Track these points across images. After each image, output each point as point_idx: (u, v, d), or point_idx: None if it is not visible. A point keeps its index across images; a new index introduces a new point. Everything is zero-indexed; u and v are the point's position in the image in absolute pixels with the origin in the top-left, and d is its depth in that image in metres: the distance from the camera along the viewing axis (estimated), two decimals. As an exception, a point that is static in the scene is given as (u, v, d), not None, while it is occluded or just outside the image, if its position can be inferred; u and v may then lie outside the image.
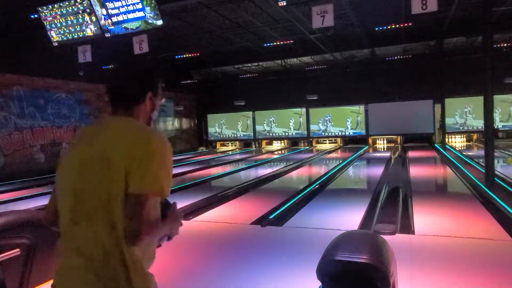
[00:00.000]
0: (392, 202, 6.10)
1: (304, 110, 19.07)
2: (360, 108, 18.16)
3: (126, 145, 1.19)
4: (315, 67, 17.85)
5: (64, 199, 1.26)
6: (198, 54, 14.10)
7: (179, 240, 4.63)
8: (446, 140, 17.03)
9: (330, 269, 1.78)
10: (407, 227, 4.65)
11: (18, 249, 3.12)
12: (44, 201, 7.19)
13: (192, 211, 5.82)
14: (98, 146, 1.22)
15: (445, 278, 3.18)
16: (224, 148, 20.78)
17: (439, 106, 17.06)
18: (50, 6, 6.30)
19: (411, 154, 13.66)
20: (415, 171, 9.44)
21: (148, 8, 5.67)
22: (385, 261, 1.86)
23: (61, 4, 6.22)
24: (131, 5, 5.68)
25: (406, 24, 11.10)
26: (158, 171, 1.19)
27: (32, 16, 7.53)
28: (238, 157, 16.04)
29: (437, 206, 5.83)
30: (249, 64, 18.09)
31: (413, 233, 4.43)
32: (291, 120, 19.45)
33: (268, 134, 19.94)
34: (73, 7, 6.13)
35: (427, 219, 5.01)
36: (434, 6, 4.78)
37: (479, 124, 15.84)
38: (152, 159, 1.18)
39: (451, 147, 15.63)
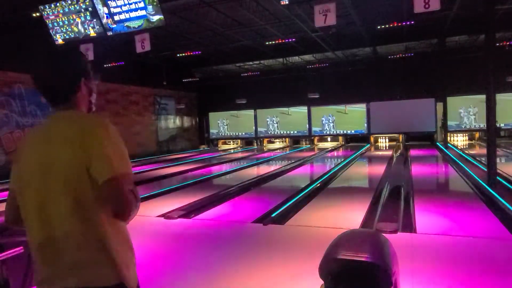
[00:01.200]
0: (393, 200, 6.10)
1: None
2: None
3: (75, 140, 1.21)
4: (317, 66, 17.82)
5: (29, 201, 1.28)
6: (199, 52, 14.10)
7: (181, 238, 4.67)
8: (448, 138, 17.00)
9: (332, 268, 1.78)
10: (408, 226, 4.65)
11: (21, 247, 3.14)
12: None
13: (194, 209, 5.84)
14: (52, 146, 1.24)
15: (447, 277, 3.18)
16: (225, 147, 20.80)
17: (441, 104, 17.02)
18: (52, 5, 6.31)
19: (413, 152, 13.65)
20: (417, 170, 9.43)
21: (150, 6, 5.67)
22: (387, 260, 1.86)
23: (63, 3, 6.23)
24: (133, 4, 5.68)
25: (408, 23, 11.07)
26: (111, 155, 1.22)
27: (34, 15, 7.54)
28: (239, 155, 16.06)
29: (439, 204, 5.82)
30: (251, 62, 18.08)
31: (414, 231, 4.44)
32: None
33: (269, 132, 19.94)
34: (75, 6, 6.14)
35: (428, 218, 5.01)
36: (437, 5, 4.76)
37: (481, 123, 15.83)
38: (101, 146, 1.22)
39: (453, 145, 15.61)
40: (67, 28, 6.40)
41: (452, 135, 17.26)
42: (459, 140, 17.38)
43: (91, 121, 1.27)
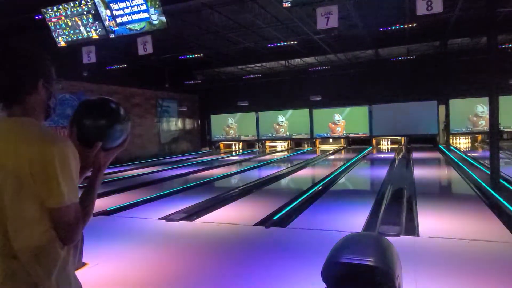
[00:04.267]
0: (396, 203, 6.07)
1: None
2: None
3: (24, 159, 1.13)
4: (319, 68, 17.82)
5: None
6: (201, 54, 14.13)
7: (182, 241, 4.66)
8: (451, 141, 16.95)
9: (335, 272, 1.77)
10: (411, 229, 4.62)
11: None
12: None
13: (196, 212, 5.82)
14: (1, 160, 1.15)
15: (450, 280, 3.16)
16: (227, 149, 20.79)
17: (443, 106, 17.00)
18: (55, 8, 6.33)
19: (415, 155, 13.61)
20: (420, 172, 9.40)
21: (152, 9, 5.69)
22: (391, 264, 1.85)
23: (66, 6, 6.25)
24: (135, 6, 5.70)
25: (410, 25, 11.06)
26: (61, 185, 1.15)
27: (37, 17, 7.57)
28: (241, 157, 16.05)
29: (442, 207, 5.79)
30: (253, 65, 18.10)
31: (417, 235, 4.41)
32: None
33: (270, 134, 19.94)
34: (78, 8, 6.16)
35: (431, 221, 4.98)
36: (440, 7, 4.75)
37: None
38: (50, 173, 1.14)
39: (455, 148, 15.56)
40: (70, 30, 6.43)
41: (454, 137, 17.21)
42: (462, 143, 17.32)
43: (45, 141, 1.16)
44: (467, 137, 17.39)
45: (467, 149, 15.33)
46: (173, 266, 3.76)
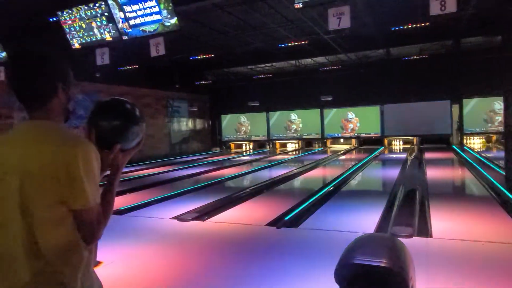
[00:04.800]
0: (408, 204, 6.02)
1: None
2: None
3: (52, 168, 1.16)
4: (330, 67, 17.74)
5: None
6: (212, 55, 14.19)
7: (194, 241, 4.69)
8: (464, 141, 16.71)
9: (348, 273, 1.77)
10: (424, 230, 4.58)
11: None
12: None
13: (207, 212, 5.86)
14: (27, 167, 1.18)
15: (464, 282, 3.12)
16: (238, 149, 20.84)
17: (456, 106, 16.77)
18: (69, 10, 6.44)
19: (428, 155, 13.45)
20: (432, 173, 9.29)
21: (165, 11, 5.74)
22: (404, 265, 1.84)
23: (80, 8, 6.36)
24: (148, 8, 5.76)
25: (422, 24, 10.93)
26: (85, 187, 1.19)
27: (51, 20, 7.71)
28: (252, 158, 16.08)
29: (455, 209, 5.73)
30: (263, 65, 18.11)
31: (430, 236, 4.37)
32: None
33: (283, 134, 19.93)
34: (92, 11, 6.26)
35: (445, 222, 4.92)
36: (454, 7, 4.68)
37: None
38: (75, 176, 1.17)
39: (469, 148, 15.33)
40: (84, 32, 6.53)
41: (468, 137, 16.95)
42: (476, 143, 17.06)
43: (69, 144, 1.20)
44: (481, 137, 17.11)
45: (481, 150, 15.09)
46: (185, 265, 3.80)
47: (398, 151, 16.66)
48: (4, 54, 8.19)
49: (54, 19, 7.27)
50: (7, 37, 8.47)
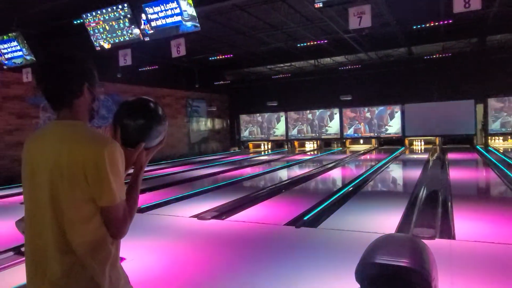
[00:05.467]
0: (430, 205, 5.90)
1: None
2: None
3: (81, 165, 1.22)
4: (349, 67, 17.56)
5: (38, 209, 1.28)
6: (231, 55, 14.26)
7: (213, 239, 4.73)
8: (489, 141, 16.23)
9: (370, 272, 1.76)
10: (447, 232, 4.49)
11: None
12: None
13: (226, 211, 5.91)
14: (57, 165, 1.24)
15: (488, 286, 3.05)
16: (256, 149, 20.89)
17: (481, 106, 16.30)
18: (93, 13, 6.61)
19: (451, 156, 13.14)
20: (456, 174, 9.07)
21: (186, 12, 5.83)
22: (427, 266, 1.82)
23: (104, 11, 6.52)
24: (169, 10, 5.86)
25: (445, 22, 10.68)
26: (114, 183, 1.24)
27: (75, 22, 7.93)
28: (270, 157, 16.08)
29: (480, 210, 5.58)
30: (282, 65, 18.08)
31: (453, 238, 4.28)
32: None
33: (301, 135, 19.85)
34: (115, 13, 6.40)
35: (468, 224, 4.81)
36: (478, 4, 4.55)
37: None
38: (104, 173, 1.22)
39: (494, 149, 14.88)
40: (107, 34, 6.69)
41: (493, 138, 16.45)
42: (501, 144, 16.54)
43: (96, 143, 1.25)
44: (507, 137, 16.57)
45: (507, 150, 14.62)
46: (204, 263, 3.84)
47: (419, 152, 16.33)
48: (30, 57, 8.47)
49: (79, 21, 7.49)
50: (35, 40, 8.77)
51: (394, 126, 17.85)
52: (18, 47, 8.39)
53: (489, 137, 16.26)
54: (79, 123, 1.32)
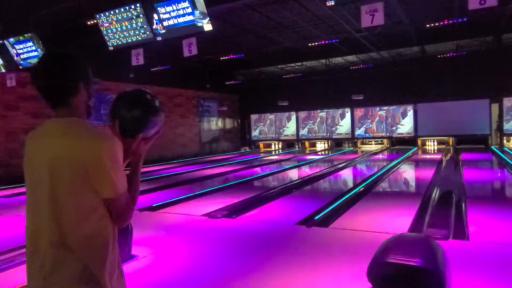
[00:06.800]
0: (444, 206, 5.82)
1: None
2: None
3: (81, 158, 1.25)
4: (361, 66, 17.42)
5: (38, 204, 1.31)
6: (242, 55, 14.28)
7: (224, 238, 4.74)
8: (504, 142, 15.93)
9: (382, 272, 1.75)
10: (460, 233, 4.42)
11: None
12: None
13: (237, 210, 5.92)
14: (57, 158, 1.27)
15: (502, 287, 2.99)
16: (267, 148, 20.88)
17: (496, 105, 16.01)
18: (107, 13, 6.70)
19: (465, 156, 12.93)
20: (470, 175, 8.93)
21: (198, 11, 5.86)
22: (440, 266, 1.80)
23: (117, 11, 6.60)
24: (181, 10, 5.90)
25: (460, 20, 10.52)
26: (115, 176, 1.29)
27: (89, 23, 8.04)
28: (281, 157, 16.06)
29: (494, 211, 5.48)
30: (293, 64, 18.04)
31: (467, 239, 4.21)
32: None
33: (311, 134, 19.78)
34: (128, 13, 6.48)
35: (483, 225, 4.73)
36: (494, 0, 4.46)
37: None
38: (107, 167, 1.26)
39: (510, 149, 14.59)
40: (120, 34, 6.77)
41: (509, 138, 16.13)
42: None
43: (97, 137, 1.29)
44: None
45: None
46: (215, 261, 3.86)
47: (432, 152, 16.12)
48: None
49: (92, 22, 7.59)
50: (50, 40, 8.92)
51: (406, 126, 17.65)
52: (34, 48, 8.55)
53: (505, 137, 15.95)
54: (76, 119, 1.34)
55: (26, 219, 1.34)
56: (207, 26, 5.83)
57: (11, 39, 8.77)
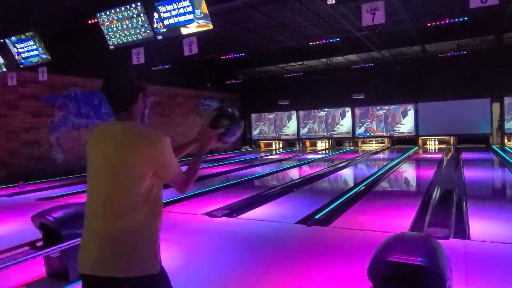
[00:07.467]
0: (444, 205, 5.81)
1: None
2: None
3: (143, 149, 1.55)
4: (362, 65, 17.40)
5: (97, 192, 1.59)
6: (243, 54, 14.26)
7: (224, 237, 4.73)
8: (506, 141, 15.90)
9: (382, 270, 1.74)
10: (461, 232, 4.41)
11: (79, 239, 3.37)
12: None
13: (237, 209, 5.92)
14: (120, 150, 1.56)
15: (504, 287, 2.98)
16: (267, 148, 20.87)
17: (497, 105, 15.98)
18: (107, 12, 6.69)
19: (466, 156, 12.91)
20: (471, 174, 8.91)
21: (198, 10, 5.85)
22: (441, 265, 1.79)
23: (118, 10, 6.58)
24: (182, 8, 5.89)
25: (461, 19, 10.49)
26: (172, 163, 1.63)
27: (90, 22, 8.03)
28: (281, 156, 16.05)
29: (496, 211, 5.47)
30: (293, 63, 18.02)
31: (468, 238, 4.20)
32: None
33: (312, 134, 19.77)
34: (128, 12, 6.47)
35: (484, 225, 4.72)
36: (496, -1, 4.44)
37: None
38: (165, 156, 1.59)
39: (511, 148, 14.57)
40: (120, 33, 6.76)
41: (510, 138, 16.10)
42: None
43: (154, 135, 1.59)
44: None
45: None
46: (216, 260, 3.85)
47: (433, 151, 16.10)
48: (46, 56, 8.61)
49: (93, 21, 7.58)
50: (50, 39, 8.91)
51: (407, 125, 17.64)
52: (34, 47, 8.54)
53: (506, 137, 15.93)
54: (134, 122, 1.66)
55: (87, 197, 1.62)
56: (208, 25, 5.83)
57: (12, 38, 8.76)
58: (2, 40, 9.06)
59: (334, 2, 5.06)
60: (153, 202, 1.56)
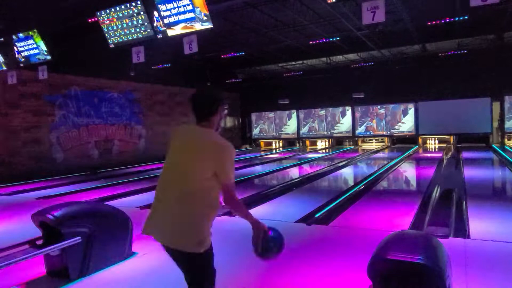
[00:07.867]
0: (444, 204, 5.81)
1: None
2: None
3: (212, 152, 1.96)
4: (362, 64, 17.39)
5: (173, 173, 2.03)
6: (243, 53, 14.26)
7: (223, 236, 4.72)
8: (506, 140, 15.90)
9: (382, 268, 1.74)
10: (461, 231, 4.41)
11: (79, 237, 3.37)
12: (97, 194, 7.64)
13: (238, 208, 5.90)
14: (196, 148, 1.99)
15: (503, 286, 2.99)
16: (267, 147, 20.87)
17: (497, 104, 15.97)
18: (107, 10, 6.68)
19: (466, 155, 12.91)
20: (471, 173, 8.92)
21: (198, 9, 5.84)
22: (441, 263, 1.79)
23: (118, 8, 6.58)
24: (182, 7, 5.89)
25: (461, 18, 10.48)
26: (230, 171, 1.99)
27: (90, 20, 8.03)
28: (281, 155, 16.05)
29: (496, 210, 5.47)
30: (294, 62, 18.01)
31: (468, 237, 4.20)
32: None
33: (312, 133, 19.77)
34: (129, 11, 6.46)
35: (484, 223, 4.72)
36: (496, -3, 4.43)
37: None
38: (226, 163, 1.98)
39: (511, 148, 14.57)
40: (121, 32, 6.76)
41: (510, 136, 16.10)
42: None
43: (224, 144, 1.98)
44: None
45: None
46: (216, 259, 3.85)
47: (433, 150, 16.10)
48: (46, 55, 8.62)
49: (93, 19, 7.58)
50: (51, 38, 8.91)
51: (407, 124, 17.63)
52: (35, 45, 8.55)
53: (506, 136, 15.92)
54: (211, 130, 2.06)
55: (159, 181, 2.08)
56: (208, 24, 5.82)
57: (13, 37, 8.77)
58: (2, 39, 9.06)
59: (334, 0, 5.05)
60: (212, 197, 1.97)
